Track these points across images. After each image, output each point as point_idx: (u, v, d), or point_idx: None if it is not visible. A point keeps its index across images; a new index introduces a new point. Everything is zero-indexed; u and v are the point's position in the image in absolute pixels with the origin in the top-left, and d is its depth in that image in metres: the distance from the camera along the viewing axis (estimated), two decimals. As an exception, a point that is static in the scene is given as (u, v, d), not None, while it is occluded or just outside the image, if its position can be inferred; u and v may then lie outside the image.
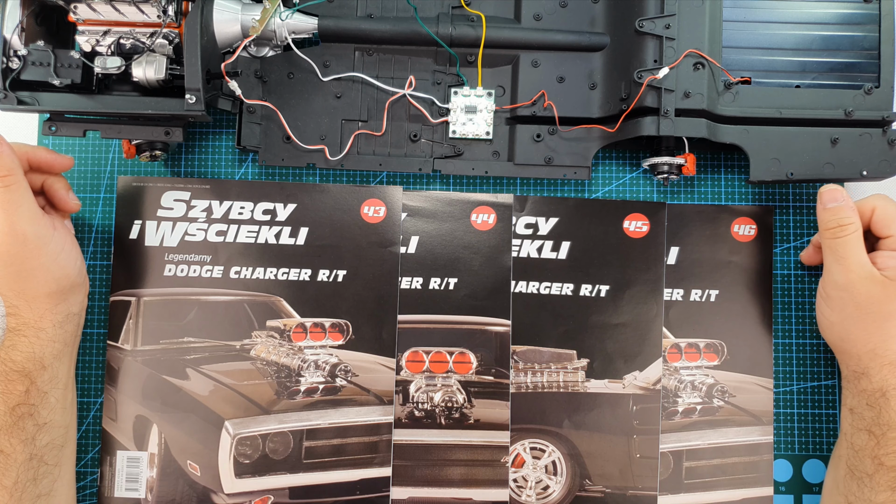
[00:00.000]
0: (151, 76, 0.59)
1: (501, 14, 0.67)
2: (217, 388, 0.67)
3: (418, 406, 0.68)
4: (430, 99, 0.66)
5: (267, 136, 0.66)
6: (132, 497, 0.67)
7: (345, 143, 0.66)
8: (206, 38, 0.60)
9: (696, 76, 0.62)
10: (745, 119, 0.64)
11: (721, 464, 0.67)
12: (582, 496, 0.67)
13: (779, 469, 0.68)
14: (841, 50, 0.66)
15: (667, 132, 0.62)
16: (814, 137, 0.64)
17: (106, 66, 0.59)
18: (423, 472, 0.67)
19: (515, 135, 0.66)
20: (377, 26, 0.65)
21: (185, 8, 0.60)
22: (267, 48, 0.67)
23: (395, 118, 0.66)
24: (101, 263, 0.69)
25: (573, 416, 0.68)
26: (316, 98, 0.66)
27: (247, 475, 0.67)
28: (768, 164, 0.64)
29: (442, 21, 0.65)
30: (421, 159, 0.66)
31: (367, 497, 0.67)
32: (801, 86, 0.65)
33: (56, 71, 0.59)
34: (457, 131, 0.66)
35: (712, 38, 0.63)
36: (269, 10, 0.63)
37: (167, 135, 0.62)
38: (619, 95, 0.64)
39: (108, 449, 0.67)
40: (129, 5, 0.58)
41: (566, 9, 0.67)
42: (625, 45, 0.64)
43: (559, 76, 0.66)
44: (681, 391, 0.68)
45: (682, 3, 0.63)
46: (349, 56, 0.66)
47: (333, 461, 0.67)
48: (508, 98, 0.66)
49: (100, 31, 0.60)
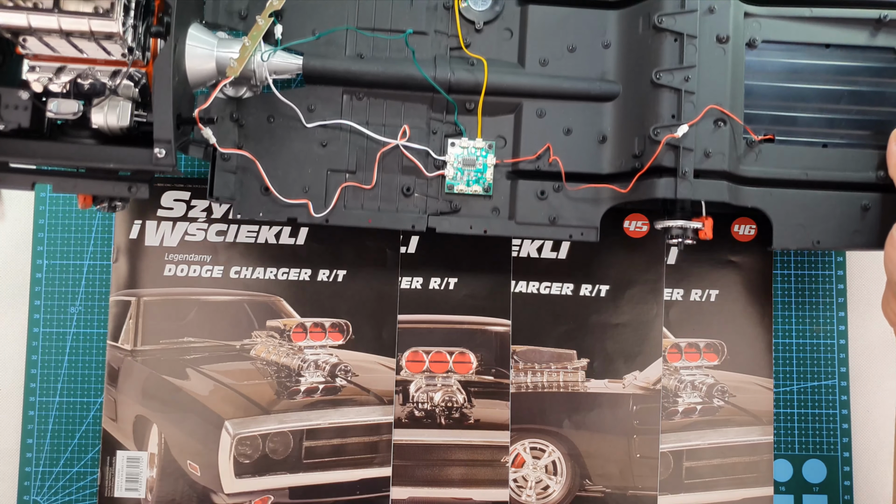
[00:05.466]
0: (114, 123, 0.51)
1: (504, 57, 0.60)
2: (217, 387, 0.67)
3: (418, 406, 0.68)
4: (425, 150, 0.59)
5: (243, 186, 0.58)
6: (132, 497, 0.67)
7: (330, 196, 0.59)
8: (177, 78, 0.51)
9: (717, 134, 0.57)
10: (768, 180, 0.59)
11: (721, 464, 0.67)
12: (582, 496, 0.67)
13: (779, 469, 0.68)
14: (871, 106, 0.60)
15: (685, 195, 0.56)
16: (842, 203, 0.59)
17: (60, 111, 0.51)
18: (423, 472, 0.67)
19: (517, 191, 0.59)
20: (368, 68, 0.58)
21: (154, 47, 0.52)
22: (245, 88, 0.59)
23: (387, 169, 0.60)
24: (102, 263, 0.69)
25: (573, 416, 0.68)
26: (299, 145, 0.59)
27: (247, 475, 0.67)
28: (793, 231, 0.59)
29: (440, 64, 0.58)
30: (414, 215, 0.59)
31: (367, 497, 0.67)
32: (829, 145, 0.60)
33: (0, 113, 0.51)
34: (454, 186, 0.59)
35: (734, 92, 0.58)
36: (248, 48, 0.55)
37: (131, 190, 0.53)
38: (631, 151, 0.58)
39: (108, 449, 0.67)
40: (88, 41, 0.49)
41: (574, 53, 0.60)
42: (639, 96, 0.58)
43: (566, 127, 0.60)
44: (681, 391, 0.68)
45: (702, 53, 0.57)
46: (336, 99, 0.59)
47: (333, 461, 0.67)
48: (510, 149, 0.60)
49: (53, 68, 0.51)
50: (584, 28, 0.60)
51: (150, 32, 0.51)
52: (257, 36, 0.56)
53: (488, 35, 0.60)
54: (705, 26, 0.57)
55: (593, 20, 0.60)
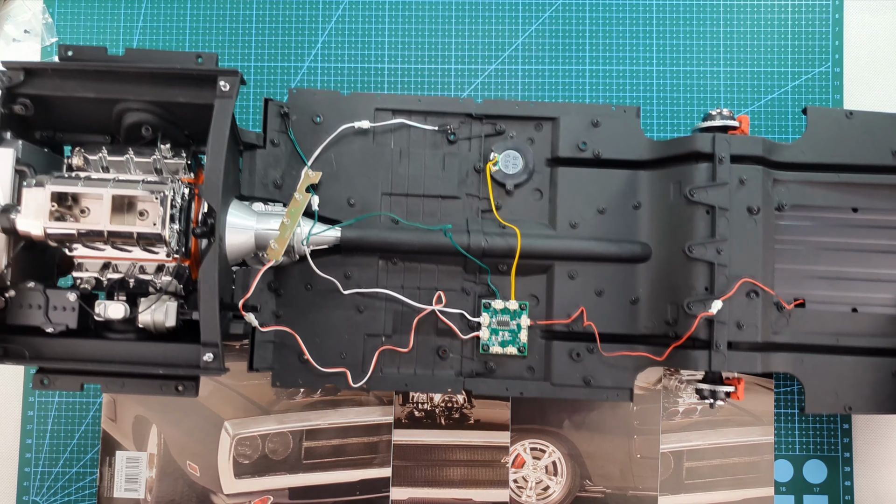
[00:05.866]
0: (160, 323, 0.52)
1: (535, 218, 0.61)
2: (217, 388, 0.67)
3: (418, 406, 0.68)
4: (460, 313, 0.60)
5: (281, 355, 0.59)
6: (131, 497, 0.67)
7: (367, 361, 0.60)
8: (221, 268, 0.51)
9: (750, 306, 0.58)
10: (799, 346, 0.60)
11: (721, 464, 0.67)
12: (582, 496, 0.67)
13: (779, 469, 0.68)
14: None
15: (719, 368, 0.58)
16: (874, 368, 0.60)
17: (108, 315, 0.52)
18: (423, 472, 0.67)
19: (552, 352, 0.60)
20: (403, 237, 0.59)
21: (194, 247, 0.53)
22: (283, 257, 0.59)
23: (422, 331, 0.60)
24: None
25: (573, 416, 0.67)
26: (336, 312, 0.60)
27: (246, 475, 0.66)
28: (825, 397, 0.60)
29: (473, 232, 0.59)
30: (450, 378, 0.60)
31: (367, 497, 0.67)
32: (858, 309, 0.61)
33: (48, 315, 0.51)
34: (489, 347, 0.60)
35: (765, 260, 0.59)
36: (287, 227, 0.56)
37: (179, 391, 0.52)
38: (664, 317, 0.59)
39: (107, 449, 0.67)
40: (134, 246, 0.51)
41: (605, 215, 0.61)
42: (671, 263, 0.59)
43: (598, 289, 0.60)
44: (681, 391, 0.68)
45: (733, 225, 0.58)
46: (372, 265, 0.60)
47: (333, 461, 0.67)
48: (543, 309, 0.61)
49: (99, 265, 0.53)
50: (613, 189, 0.61)
51: (193, 233, 0.52)
52: (296, 213, 0.57)
53: (519, 197, 0.62)
54: (736, 198, 0.58)
55: (623, 181, 0.61)
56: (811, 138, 0.61)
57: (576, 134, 0.61)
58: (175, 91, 0.52)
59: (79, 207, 0.51)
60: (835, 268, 0.61)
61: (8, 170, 0.51)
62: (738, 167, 0.59)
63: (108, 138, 0.57)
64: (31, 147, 0.54)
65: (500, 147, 0.61)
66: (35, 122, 0.55)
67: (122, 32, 0.71)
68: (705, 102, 0.70)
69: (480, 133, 0.62)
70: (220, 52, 0.71)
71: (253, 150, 0.60)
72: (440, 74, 0.71)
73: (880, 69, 0.71)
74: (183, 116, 0.54)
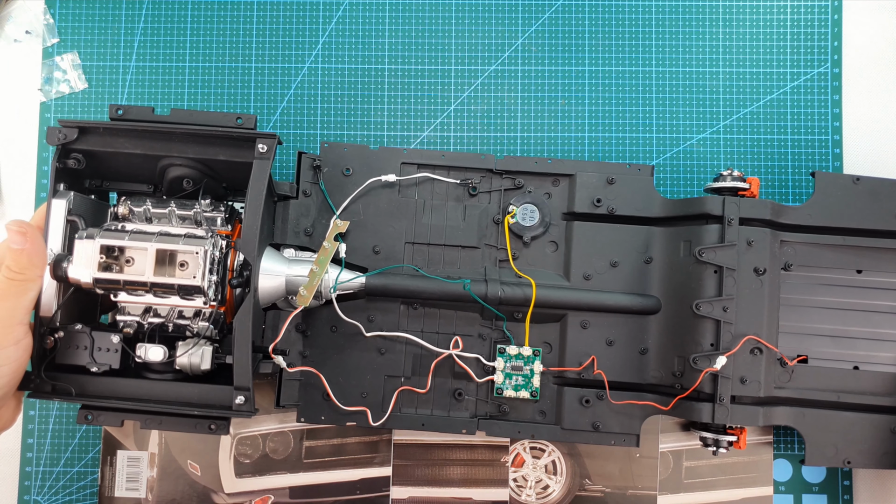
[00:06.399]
0: (196, 366, 0.56)
1: (549, 268, 0.64)
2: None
3: (418, 406, 0.68)
4: (476, 357, 0.63)
5: (307, 393, 0.63)
6: (132, 497, 0.67)
7: (387, 400, 0.63)
8: (254, 314, 0.55)
9: (754, 362, 0.61)
10: (801, 400, 0.62)
11: (721, 463, 0.67)
12: (582, 496, 0.67)
13: (778, 469, 0.68)
14: None
15: (722, 421, 0.60)
16: (873, 425, 0.62)
17: (148, 358, 0.56)
18: (424, 471, 0.67)
19: (563, 397, 0.63)
20: (425, 286, 0.62)
21: (229, 294, 0.57)
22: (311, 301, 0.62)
23: (440, 374, 0.64)
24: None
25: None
26: (359, 354, 0.63)
27: (247, 475, 0.67)
28: (825, 450, 0.62)
29: (490, 283, 0.62)
30: (465, 419, 0.63)
31: (367, 496, 0.67)
32: (860, 367, 0.63)
33: (93, 355, 0.55)
34: (503, 391, 0.62)
35: (770, 317, 0.61)
36: (316, 274, 0.59)
37: (211, 428, 0.55)
38: (671, 368, 0.62)
39: (108, 449, 0.67)
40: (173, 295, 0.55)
41: (617, 269, 0.63)
42: (679, 317, 0.62)
43: (609, 339, 0.63)
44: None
45: (740, 285, 0.60)
46: (394, 310, 0.63)
47: (333, 461, 0.67)
48: (556, 355, 0.64)
49: (140, 309, 0.57)
50: (626, 244, 0.64)
51: (230, 284, 0.56)
52: (325, 261, 0.60)
53: (535, 248, 0.64)
54: (744, 259, 0.61)
55: (635, 236, 0.64)
56: (818, 202, 0.63)
57: (592, 190, 0.64)
58: (216, 150, 0.56)
59: (124, 258, 0.54)
60: (838, 326, 0.64)
61: (61, 221, 0.55)
62: (747, 229, 0.61)
63: (151, 188, 0.61)
64: (81, 196, 0.57)
65: (518, 200, 0.64)
66: (85, 174, 0.59)
67: (123, 33, 0.72)
68: (705, 103, 0.71)
69: (500, 187, 0.65)
70: (221, 52, 0.71)
71: (286, 201, 0.63)
72: (440, 75, 0.71)
73: (879, 69, 0.71)
74: (222, 171, 0.58)
